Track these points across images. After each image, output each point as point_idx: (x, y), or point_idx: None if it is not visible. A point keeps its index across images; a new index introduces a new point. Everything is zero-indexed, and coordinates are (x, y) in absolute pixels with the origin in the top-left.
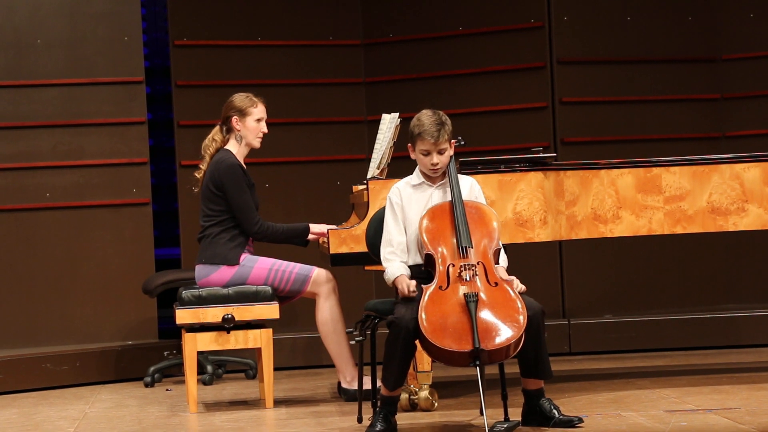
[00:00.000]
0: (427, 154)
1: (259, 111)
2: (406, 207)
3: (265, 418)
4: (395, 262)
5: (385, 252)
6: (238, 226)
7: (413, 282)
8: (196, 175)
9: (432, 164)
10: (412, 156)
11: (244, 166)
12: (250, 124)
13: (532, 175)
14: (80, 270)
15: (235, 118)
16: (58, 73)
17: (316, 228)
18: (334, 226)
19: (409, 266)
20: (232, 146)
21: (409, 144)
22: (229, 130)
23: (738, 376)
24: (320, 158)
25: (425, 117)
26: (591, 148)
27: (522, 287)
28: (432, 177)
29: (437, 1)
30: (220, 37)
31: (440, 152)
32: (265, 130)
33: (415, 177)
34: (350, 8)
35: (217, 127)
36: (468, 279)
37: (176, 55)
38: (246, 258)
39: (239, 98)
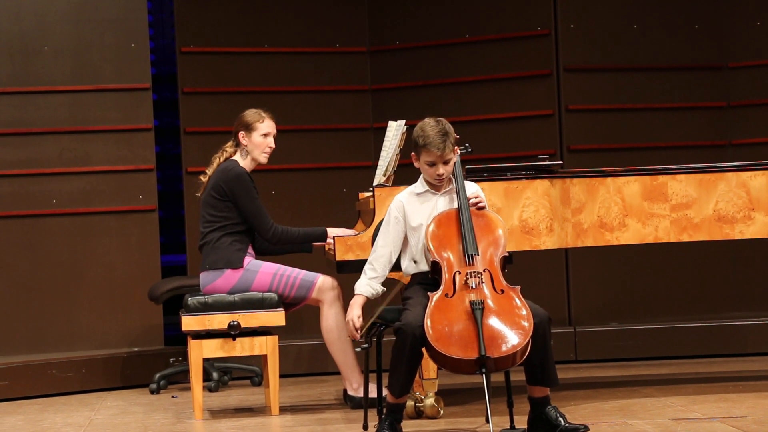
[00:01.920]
0: (433, 164)
1: (265, 126)
2: (409, 217)
3: (270, 425)
4: (364, 279)
5: (367, 263)
6: (239, 232)
7: (359, 317)
8: (201, 178)
9: (438, 175)
10: (416, 165)
11: (250, 174)
12: (256, 139)
13: (538, 182)
14: (86, 276)
15: (242, 133)
16: (64, 80)
17: (334, 231)
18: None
19: (416, 273)
20: (239, 159)
21: (413, 153)
22: (238, 144)
23: (744, 385)
24: (326, 165)
25: (429, 128)
26: (597, 155)
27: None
28: (437, 185)
29: (444, 8)
30: (226, 44)
31: (445, 162)
32: (273, 145)
33: (419, 185)
34: (357, 15)
35: (231, 141)
36: (474, 286)
37: (183, 61)
38: (250, 262)
39: (248, 113)
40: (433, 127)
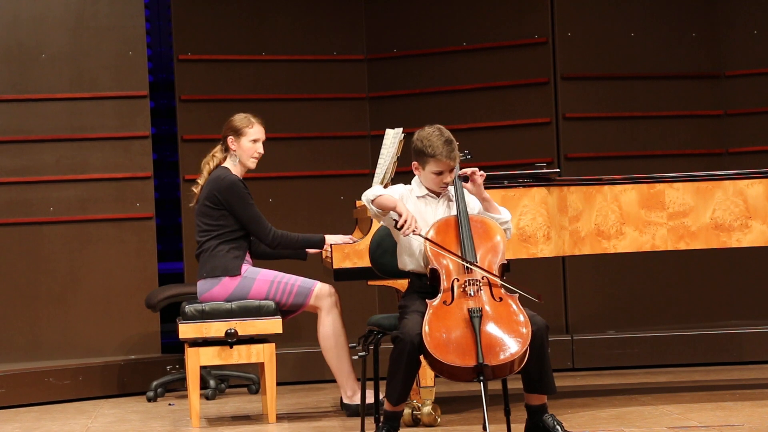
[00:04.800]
0: (440, 173)
1: (255, 132)
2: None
3: None
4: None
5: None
6: (236, 239)
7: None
8: (194, 189)
9: (444, 183)
10: (418, 174)
11: (243, 181)
12: (245, 145)
13: (535, 190)
14: (83, 284)
15: (230, 138)
16: (62, 88)
17: (332, 239)
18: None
19: (413, 281)
20: (229, 165)
21: (415, 162)
22: (227, 149)
23: (741, 393)
24: (324, 173)
25: (435, 138)
26: (594, 163)
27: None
28: (438, 191)
29: (441, 16)
30: (224, 51)
31: (451, 171)
32: (261, 151)
33: (417, 189)
34: (354, 23)
35: (219, 145)
36: (472, 294)
37: (180, 69)
38: (248, 270)
39: (237, 118)
40: (438, 137)
